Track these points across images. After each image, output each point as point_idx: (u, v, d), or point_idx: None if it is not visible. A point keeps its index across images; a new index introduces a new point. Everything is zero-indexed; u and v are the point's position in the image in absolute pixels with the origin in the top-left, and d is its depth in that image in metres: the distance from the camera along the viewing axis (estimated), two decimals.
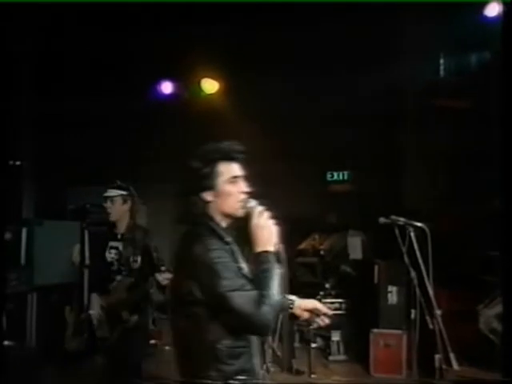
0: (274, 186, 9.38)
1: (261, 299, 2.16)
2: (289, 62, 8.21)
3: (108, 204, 4.47)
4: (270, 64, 8.28)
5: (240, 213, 2.42)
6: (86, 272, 4.41)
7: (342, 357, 6.97)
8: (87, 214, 8.02)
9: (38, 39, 8.25)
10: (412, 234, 3.65)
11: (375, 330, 6.41)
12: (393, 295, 6.47)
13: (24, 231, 6.96)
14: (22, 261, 6.82)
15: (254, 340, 2.40)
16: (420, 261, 3.56)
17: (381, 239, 6.38)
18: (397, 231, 3.80)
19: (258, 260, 2.29)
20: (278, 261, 2.33)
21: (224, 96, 9.16)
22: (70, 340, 6.77)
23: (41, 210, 8.46)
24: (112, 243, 4.47)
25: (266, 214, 2.38)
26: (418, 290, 3.94)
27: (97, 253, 4.39)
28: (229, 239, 2.37)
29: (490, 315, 5.94)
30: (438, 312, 3.55)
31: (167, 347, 7.48)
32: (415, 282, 3.97)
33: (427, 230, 3.63)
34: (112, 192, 4.47)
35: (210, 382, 2.23)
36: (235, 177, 2.44)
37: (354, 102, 8.13)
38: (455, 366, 3.54)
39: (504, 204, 3.01)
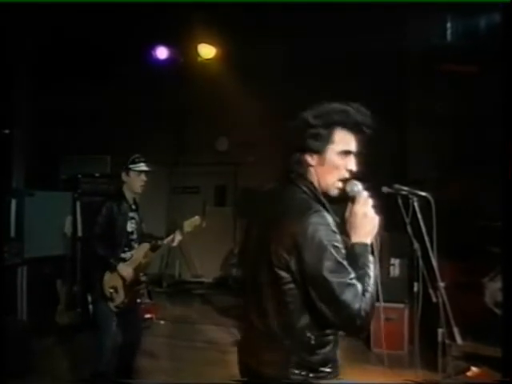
0: (267, 154, 9.37)
1: (364, 295, 2.07)
2: (287, 26, 8.06)
3: (143, 177, 4.71)
4: (268, 29, 8.14)
5: (335, 192, 2.22)
6: (99, 243, 4.55)
7: (340, 331, 6.93)
8: (80, 185, 8.03)
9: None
10: (416, 204, 3.56)
11: (376, 304, 6.34)
12: (395, 268, 6.43)
13: (14, 202, 6.90)
14: (12, 233, 6.77)
15: None
16: (424, 232, 3.48)
17: (383, 209, 6.33)
18: (400, 201, 3.71)
19: (355, 252, 2.13)
20: (373, 254, 2.21)
21: (222, 61, 9.03)
22: (62, 314, 6.83)
23: (32, 180, 8.37)
24: (130, 214, 4.72)
25: (371, 202, 2.21)
26: (421, 262, 3.88)
27: (119, 224, 4.61)
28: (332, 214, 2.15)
29: (495, 288, 5.88)
30: (442, 285, 3.48)
31: (162, 321, 7.48)
32: (418, 253, 3.91)
33: (431, 199, 3.54)
34: (146, 166, 4.73)
35: (295, 373, 2.09)
36: (348, 152, 2.21)
37: (355, 66, 8.00)
38: (459, 340, 3.48)
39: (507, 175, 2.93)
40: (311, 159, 2.19)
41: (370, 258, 2.16)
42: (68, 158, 9.50)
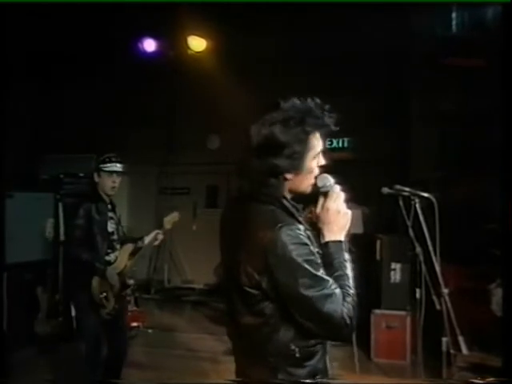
0: None
1: (345, 300, 2.00)
2: (281, 19, 8.04)
3: (115, 178, 4.67)
4: (262, 21, 8.11)
5: (310, 189, 2.18)
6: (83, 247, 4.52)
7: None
8: (62, 185, 7.96)
9: None
10: (418, 206, 3.55)
11: (377, 311, 6.37)
12: (396, 273, 6.41)
13: None
14: None
15: None
16: (426, 235, 3.47)
17: (383, 212, 6.32)
18: (401, 203, 3.69)
19: (330, 251, 2.11)
20: (347, 251, 2.15)
21: (213, 54, 9.01)
22: (42, 323, 6.77)
23: (11, 180, 8.31)
24: (109, 214, 4.71)
25: (343, 196, 2.18)
26: (423, 267, 3.87)
27: (100, 225, 4.59)
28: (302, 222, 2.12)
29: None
30: (446, 291, 3.47)
31: (150, 330, 7.46)
32: (421, 258, 3.90)
33: (435, 200, 3.53)
34: (119, 167, 4.69)
35: None
36: (320, 151, 2.16)
37: (356, 64, 7.98)
38: (464, 350, 3.47)
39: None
40: (288, 175, 2.11)
41: (346, 255, 2.13)
42: (50, 156, 9.43)
